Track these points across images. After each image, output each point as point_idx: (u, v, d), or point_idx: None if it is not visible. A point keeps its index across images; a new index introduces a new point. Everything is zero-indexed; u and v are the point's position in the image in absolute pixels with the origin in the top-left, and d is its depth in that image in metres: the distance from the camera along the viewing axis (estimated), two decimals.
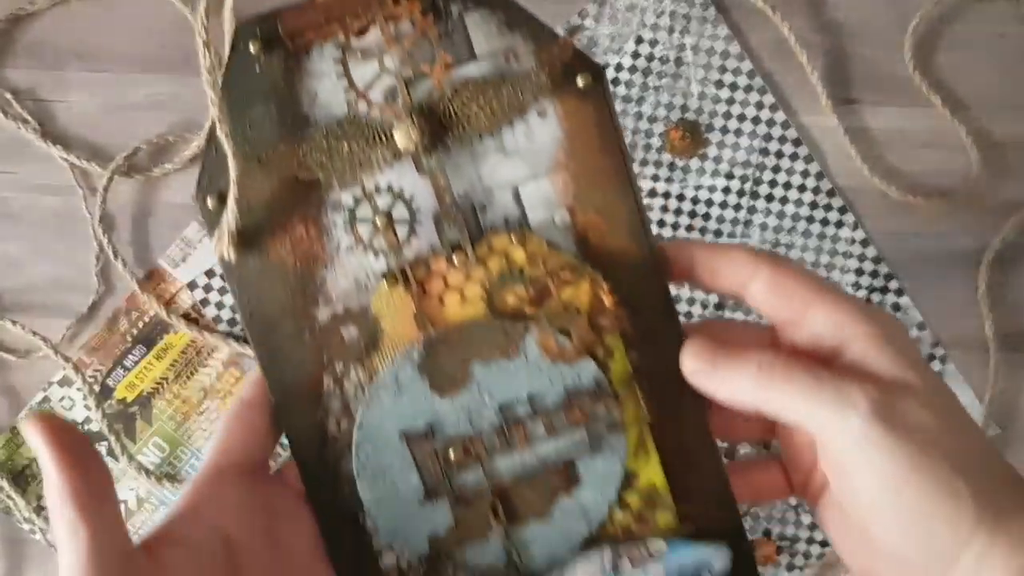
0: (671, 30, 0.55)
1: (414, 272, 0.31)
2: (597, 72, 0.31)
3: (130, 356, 0.55)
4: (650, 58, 0.55)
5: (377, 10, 0.30)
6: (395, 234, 0.31)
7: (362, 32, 0.30)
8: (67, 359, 0.55)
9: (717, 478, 0.32)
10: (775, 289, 0.30)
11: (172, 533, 0.29)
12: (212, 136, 0.30)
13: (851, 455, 0.27)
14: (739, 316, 0.55)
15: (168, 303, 0.55)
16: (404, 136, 0.30)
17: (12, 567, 0.56)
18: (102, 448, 0.55)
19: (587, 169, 0.31)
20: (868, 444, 0.27)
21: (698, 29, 0.55)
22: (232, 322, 0.55)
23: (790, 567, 0.56)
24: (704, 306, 0.55)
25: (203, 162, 0.31)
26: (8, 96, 0.55)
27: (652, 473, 0.32)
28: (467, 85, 0.31)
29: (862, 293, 0.55)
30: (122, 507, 0.55)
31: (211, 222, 0.31)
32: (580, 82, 0.31)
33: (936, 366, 0.55)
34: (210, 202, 0.31)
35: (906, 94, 0.55)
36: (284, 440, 0.33)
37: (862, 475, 0.27)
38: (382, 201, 0.31)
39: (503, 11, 0.30)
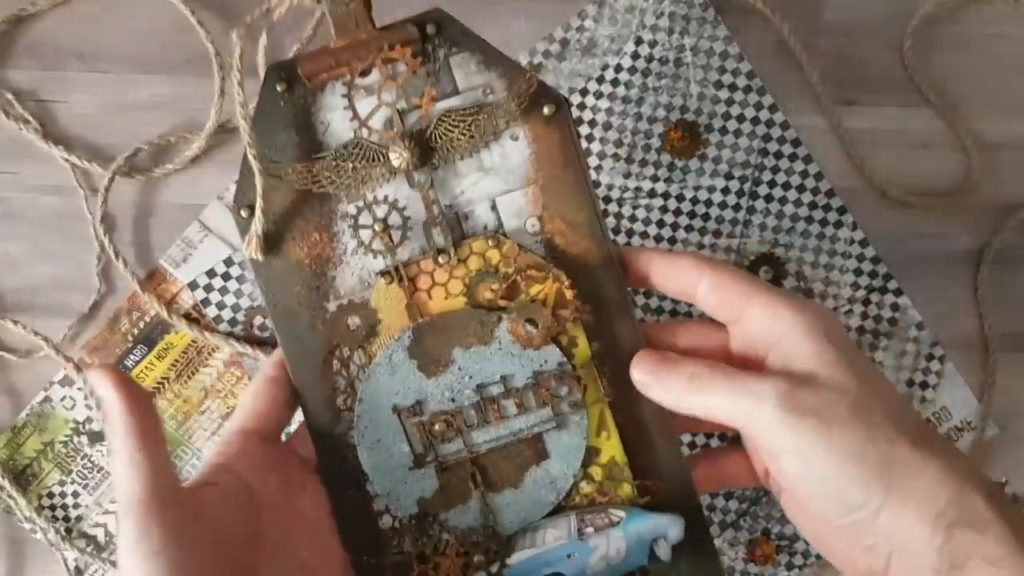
0: (670, 31, 0.55)
1: (406, 271, 0.36)
2: (559, 101, 0.36)
3: (131, 356, 0.56)
4: (649, 59, 0.55)
5: (377, 54, 0.35)
6: (391, 237, 0.36)
7: (365, 73, 0.36)
8: (68, 359, 0.55)
9: (672, 455, 0.37)
10: (716, 290, 0.35)
11: (207, 478, 0.33)
12: (244, 158, 0.35)
13: (770, 440, 0.32)
14: None
15: (169, 303, 0.55)
16: (397, 156, 0.36)
17: (13, 567, 0.56)
18: (103, 448, 0.55)
19: (553, 183, 0.36)
20: (780, 429, 0.31)
21: (697, 30, 0.55)
22: (232, 322, 0.55)
23: (789, 567, 0.56)
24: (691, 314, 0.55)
25: (238, 180, 0.36)
26: (9, 97, 0.56)
27: (613, 449, 0.37)
28: (450, 114, 0.36)
29: (861, 293, 0.55)
30: None
31: (243, 229, 0.36)
32: (546, 110, 0.36)
33: (935, 366, 0.55)
34: (243, 213, 0.36)
35: (905, 95, 0.55)
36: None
37: (783, 455, 0.32)
38: (380, 210, 0.36)
39: (481, 53, 0.36)
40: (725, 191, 0.55)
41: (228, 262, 0.55)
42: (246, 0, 0.56)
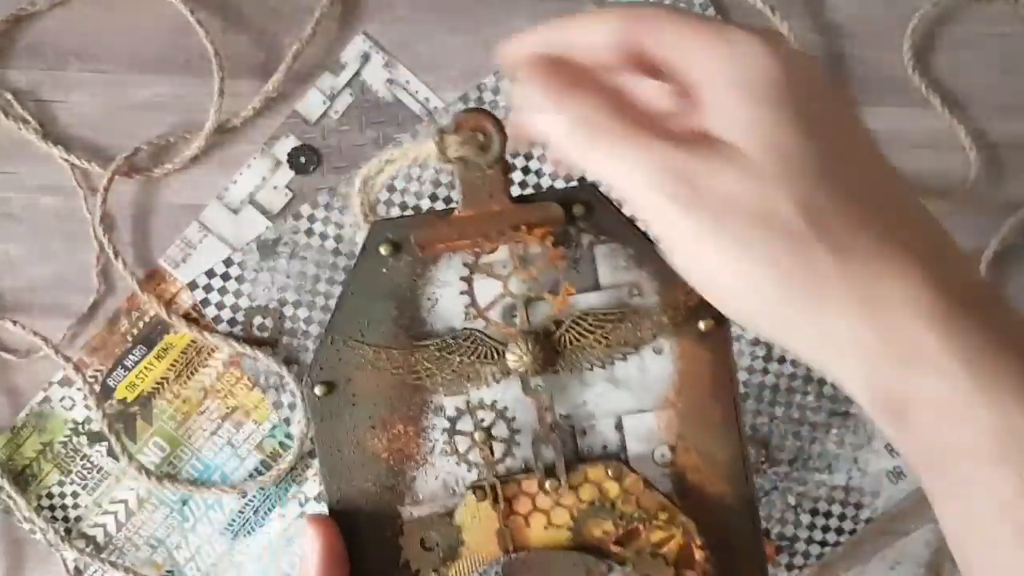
0: None
1: (504, 489, 0.31)
2: (720, 318, 0.31)
3: (130, 356, 0.56)
4: None
5: (509, 234, 0.30)
6: (492, 452, 0.31)
7: (492, 250, 0.31)
8: (68, 359, 0.55)
9: None
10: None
11: None
12: (328, 329, 0.32)
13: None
14: None
15: (168, 303, 0.55)
16: (516, 359, 0.31)
17: (12, 567, 0.56)
18: (102, 448, 0.55)
19: (695, 410, 0.31)
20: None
21: None
22: (232, 322, 0.55)
23: (789, 567, 0.56)
24: None
25: (316, 350, 0.32)
26: (9, 96, 0.56)
27: None
28: (587, 315, 0.31)
29: None
30: (122, 507, 0.56)
31: (315, 409, 0.32)
32: (702, 326, 0.31)
33: None
34: (318, 390, 0.31)
35: (905, 94, 0.55)
36: None
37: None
38: (485, 417, 0.32)
39: (633, 246, 0.31)
40: None
41: (228, 262, 0.55)
42: (246, 0, 0.56)
